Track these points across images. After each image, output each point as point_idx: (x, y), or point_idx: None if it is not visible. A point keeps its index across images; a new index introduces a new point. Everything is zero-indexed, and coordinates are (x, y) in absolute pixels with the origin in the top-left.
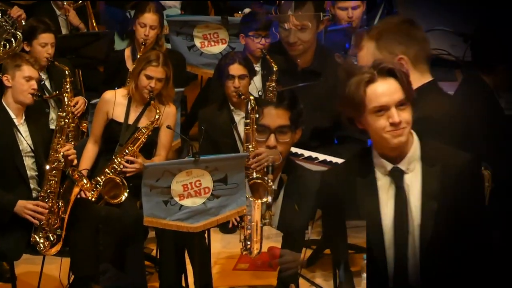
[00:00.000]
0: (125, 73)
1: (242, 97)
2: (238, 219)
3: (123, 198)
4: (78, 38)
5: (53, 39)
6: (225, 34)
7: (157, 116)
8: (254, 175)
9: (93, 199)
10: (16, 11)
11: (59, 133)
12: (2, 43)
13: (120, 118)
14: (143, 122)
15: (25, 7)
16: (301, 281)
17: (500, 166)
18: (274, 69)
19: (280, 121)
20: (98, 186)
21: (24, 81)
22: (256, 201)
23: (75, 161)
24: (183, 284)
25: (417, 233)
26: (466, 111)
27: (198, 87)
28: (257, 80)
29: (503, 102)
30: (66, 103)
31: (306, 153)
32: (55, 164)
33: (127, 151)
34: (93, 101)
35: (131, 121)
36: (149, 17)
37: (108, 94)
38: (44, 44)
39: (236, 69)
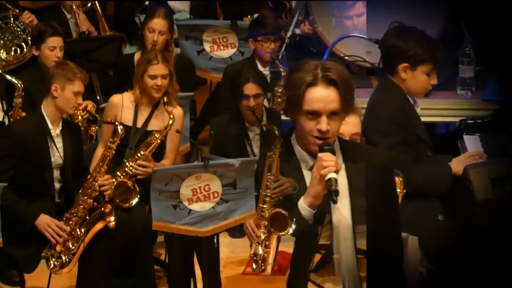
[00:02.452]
0: None
1: (263, 122)
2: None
3: (134, 202)
4: (87, 42)
5: (62, 42)
6: (235, 39)
7: (170, 122)
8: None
9: (112, 224)
10: (27, 16)
11: (102, 161)
12: (13, 48)
13: (129, 122)
14: (152, 125)
15: (35, 11)
16: (310, 285)
17: (412, 173)
18: (283, 74)
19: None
20: (109, 189)
21: (72, 95)
22: (277, 233)
23: (110, 192)
24: None
25: (348, 230)
26: (382, 119)
27: (207, 92)
28: None
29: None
30: (120, 134)
31: (221, 160)
32: (89, 190)
33: (139, 155)
34: (102, 105)
35: (139, 124)
36: (158, 23)
37: (116, 98)
38: (53, 48)
39: (250, 88)
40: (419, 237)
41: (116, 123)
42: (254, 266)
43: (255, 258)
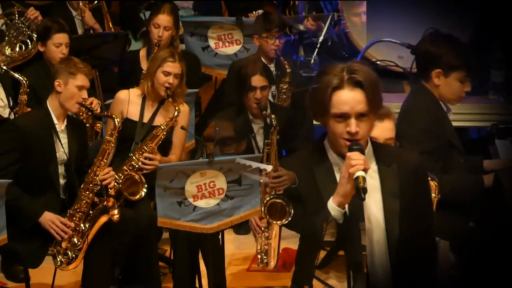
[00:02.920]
0: (140, 73)
1: (264, 112)
2: (258, 224)
3: (143, 194)
4: (92, 38)
5: (67, 39)
6: (240, 35)
7: (176, 113)
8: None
9: (116, 218)
10: (32, 13)
11: (101, 156)
12: (18, 44)
13: (135, 117)
14: (158, 120)
15: (41, 8)
16: (315, 282)
17: (446, 178)
18: (288, 70)
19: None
20: (116, 183)
21: (76, 90)
22: (275, 223)
23: (112, 184)
24: (197, 285)
25: (381, 233)
26: (415, 123)
27: (212, 88)
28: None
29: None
30: (117, 127)
31: (254, 164)
32: (91, 185)
33: (145, 148)
34: (107, 102)
35: (146, 119)
36: (163, 18)
37: (122, 94)
38: (59, 44)
39: (258, 80)
40: (449, 242)
41: (113, 115)
42: (259, 261)
43: (260, 252)
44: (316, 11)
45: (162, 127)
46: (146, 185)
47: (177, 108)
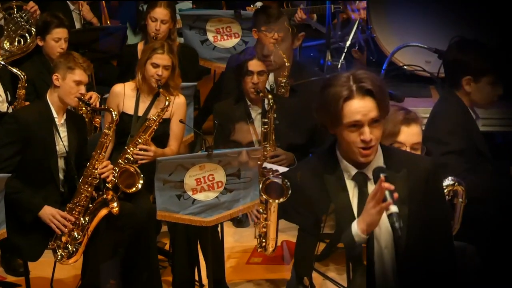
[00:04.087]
0: None
1: (261, 94)
2: (257, 215)
3: (139, 186)
4: (91, 32)
5: (67, 34)
6: (238, 28)
7: (167, 103)
8: (271, 175)
9: (116, 210)
10: (31, 7)
11: (99, 149)
12: (17, 38)
13: (130, 110)
14: (153, 113)
15: (40, 2)
16: (315, 274)
17: (473, 183)
18: (287, 64)
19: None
20: (113, 177)
21: (74, 84)
22: (273, 202)
23: (110, 178)
24: (196, 278)
25: (389, 238)
26: (442, 126)
27: (211, 81)
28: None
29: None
30: (115, 120)
31: (281, 169)
32: (90, 179)
33: (139, 140)
34: (106, 96)
35: (141, 112)
36: (160, 12)
37: (117, 88)
38: (58, 39)
39: (255, 65)
40: (476, 247)
41: (111, 109)
42: (258, 245)
43: (259, 237)
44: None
45: (154, 118)
46: (142, 177)
47: (167, 98)
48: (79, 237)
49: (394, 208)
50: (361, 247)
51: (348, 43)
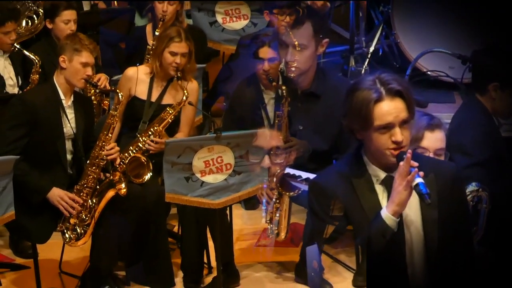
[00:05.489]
0: (146, 49)
1: (273, 83)
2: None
3: (146, 178)
4: (99, 14)
5: (75, 15)
6: (247, 10)
7: (184, 97)
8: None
9: (123, 192)
10: None
11: (106, 130)
12: (25, 20)
13: (143, 95)
14: (166, 99)
15: None
16: (324, 257)
17: (497, 189)
18: (297, 49)
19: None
20: (122, 163)
21: (80, 66)
22: (286, 194)
23: (118, 160)
24: (205, 260)
25: (420, 242)
26: (467, 135)
27: (219, 63)
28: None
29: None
30: (121, 101)
31: (304, 174)
32: (97, 160)
33: (152, 130)
34: (115, 78)
35: (153, 98)
36: None
37: (131, 71)
38: (67, 21)
39: (265, 52)
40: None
41: (117, 90)
42: (269, 231)
43: (270, 223)
44: None
45: (170, 112)
46: (151, 170)
47: (185, 92)
48: (87, 218)
49: (419, 179)
50: (390, 236)
51: (371, 48)
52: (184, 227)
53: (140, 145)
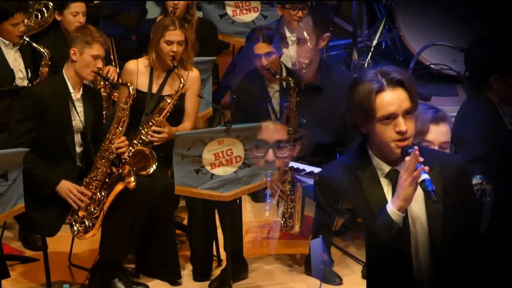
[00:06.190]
0: None
1: (277, 77)
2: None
3: (152, 170)
4: (109, 6)
5: (84, 7)
6: (257, 2)
7: (181, 85)
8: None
9: (132, 185)
10: None
11: (117, 124)
12: (34, 13)
13: (144, 88)
14: (167, 90)
15: None
16: (333, 250)
17: (502, 182)
18: (308, 44)
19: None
20: (128, 157)
21: (91, 59)
22: (300, 186)
23: (125, 154)
24: (214, 253)
25: (425, 236)
26: (470, 130)
27: (230, 56)
28: (291, 50)
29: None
30: (132, 94)
31: (308, 168)
32: (107, 153)
33: (153, 121)
34: None
35: (154, 90)
36: None
37: (131, 64)
38: (76, 13)
39: (260, 48)
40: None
41: (128, 84)
42: (283, 225)
43: (284, 216)
44: None
45: (168, 101)
46: (156, 161)
47: (182, 80)
48: (95, 211)
49: (425, 176)
50: (396, 231)
51: (374, 42)
52: (193, 220)
53: (143, 137)
